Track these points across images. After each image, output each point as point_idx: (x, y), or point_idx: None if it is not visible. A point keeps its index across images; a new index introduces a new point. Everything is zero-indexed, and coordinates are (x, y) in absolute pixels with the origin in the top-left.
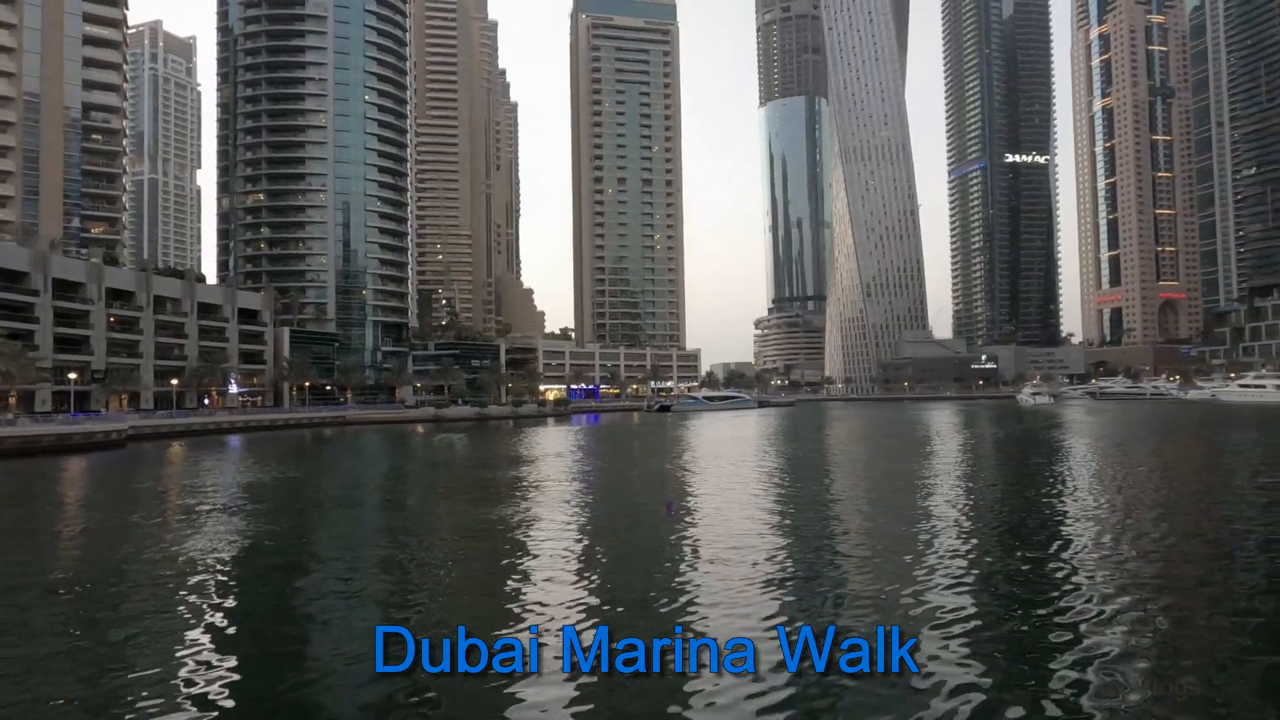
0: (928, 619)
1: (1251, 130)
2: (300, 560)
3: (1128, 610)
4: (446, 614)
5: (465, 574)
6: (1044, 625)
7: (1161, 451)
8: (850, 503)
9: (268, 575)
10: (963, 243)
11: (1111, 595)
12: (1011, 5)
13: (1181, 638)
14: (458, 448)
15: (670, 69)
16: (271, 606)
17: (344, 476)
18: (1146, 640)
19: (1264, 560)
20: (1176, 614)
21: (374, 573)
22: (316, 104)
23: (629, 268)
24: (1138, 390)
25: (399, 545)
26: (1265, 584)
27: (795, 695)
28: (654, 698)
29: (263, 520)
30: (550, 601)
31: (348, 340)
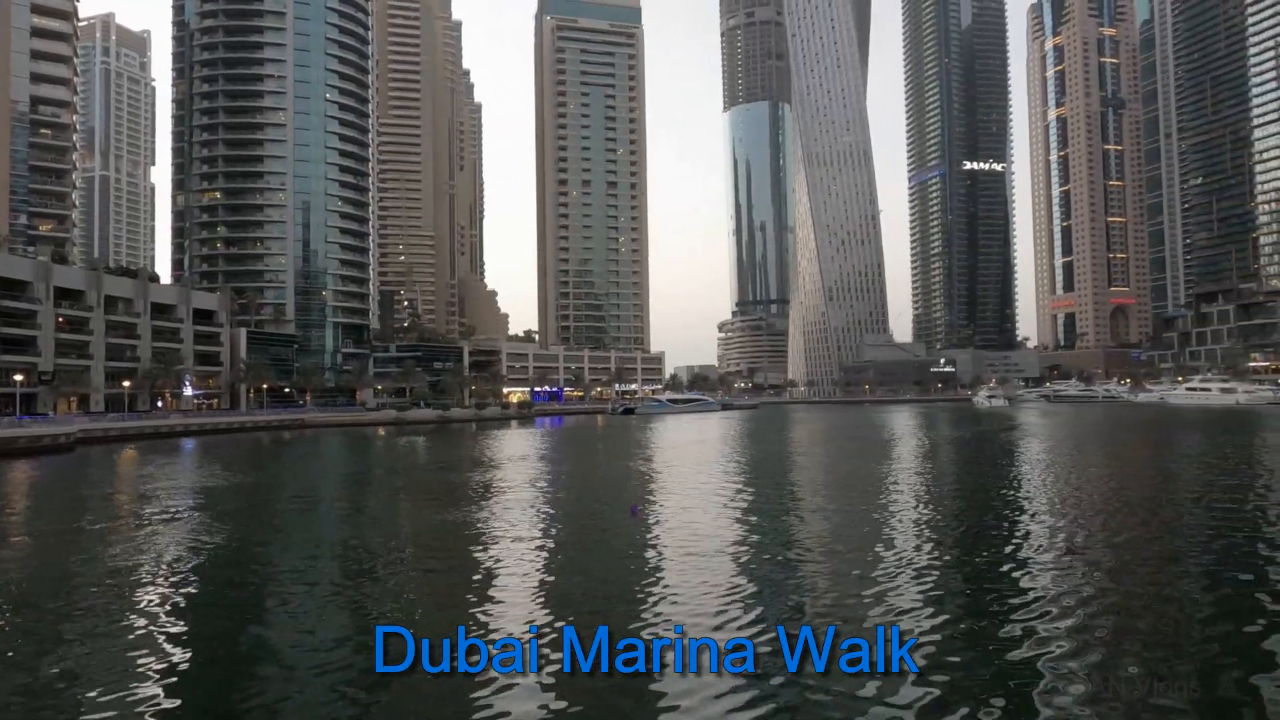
0: (891, 618)
1: (1198, 141)
2: (257, 566)
3: (1093, 605)
4: (408, 618)
5: (428, 579)
6: (1008, 619)
7: (1114, 453)
8: (813, 505)
9: (223, 583)
10: (922, 248)
11: (1072, 593)
12: (970, 15)
13: (1149, 629)
14: (420, 451)
15: (635, 72)
16: (227, 615)
17: (303, 480)
18: (1118, 633)
19: (1215, 552)
20: (1143, 608)
21: (334, 578)
22: (275, 101)
23: (593, 270)
24: (1090, 393)
25: (360, 550)
26: (1217, 572)
27: (768, 696)
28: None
29: (218, 526)
30: (515, 605)
31: (307, 342)
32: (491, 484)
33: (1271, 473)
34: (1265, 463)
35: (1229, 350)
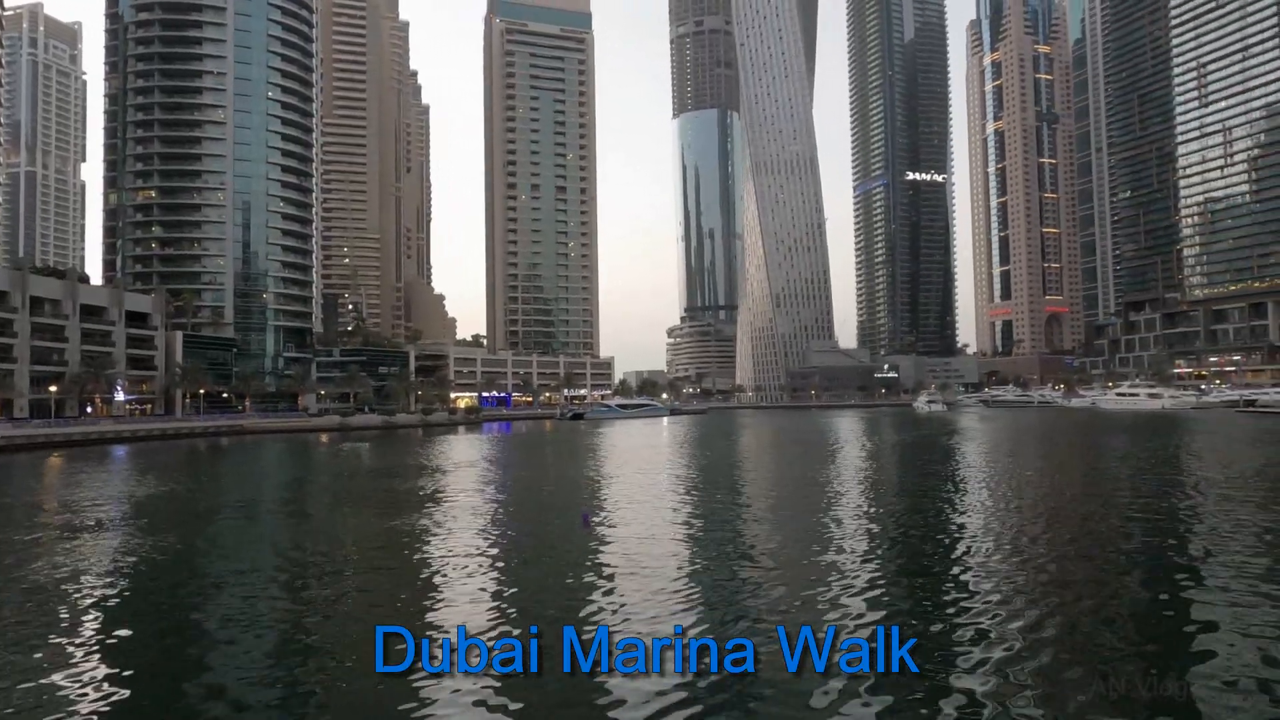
0: (839, 619)
1: (1126, 157)
2: (192, 578)
3: (1024, 605)
4: (350, 631)
5: (371, 590)
6: (951, 617)
7: (1048, 455)
8: (762, 510)
9: (156, 596)
10: (867, 255)
11: (1004, 594)
12: (913, 30)
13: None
14: (364, 457)
15: (585, 77)
16: (159, 629)
17: (241, 488)
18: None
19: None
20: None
21: (272, 589)
22: (215, 98)
23: (543, 275)
24: (1026, 399)
25: (299, 559)
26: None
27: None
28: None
29: (151, 536)
30: (459, 615)
31: (247, 345)
32: (437, 491)
33: (1190, 472)
34: (1185, 464)
35: (1155, 357)
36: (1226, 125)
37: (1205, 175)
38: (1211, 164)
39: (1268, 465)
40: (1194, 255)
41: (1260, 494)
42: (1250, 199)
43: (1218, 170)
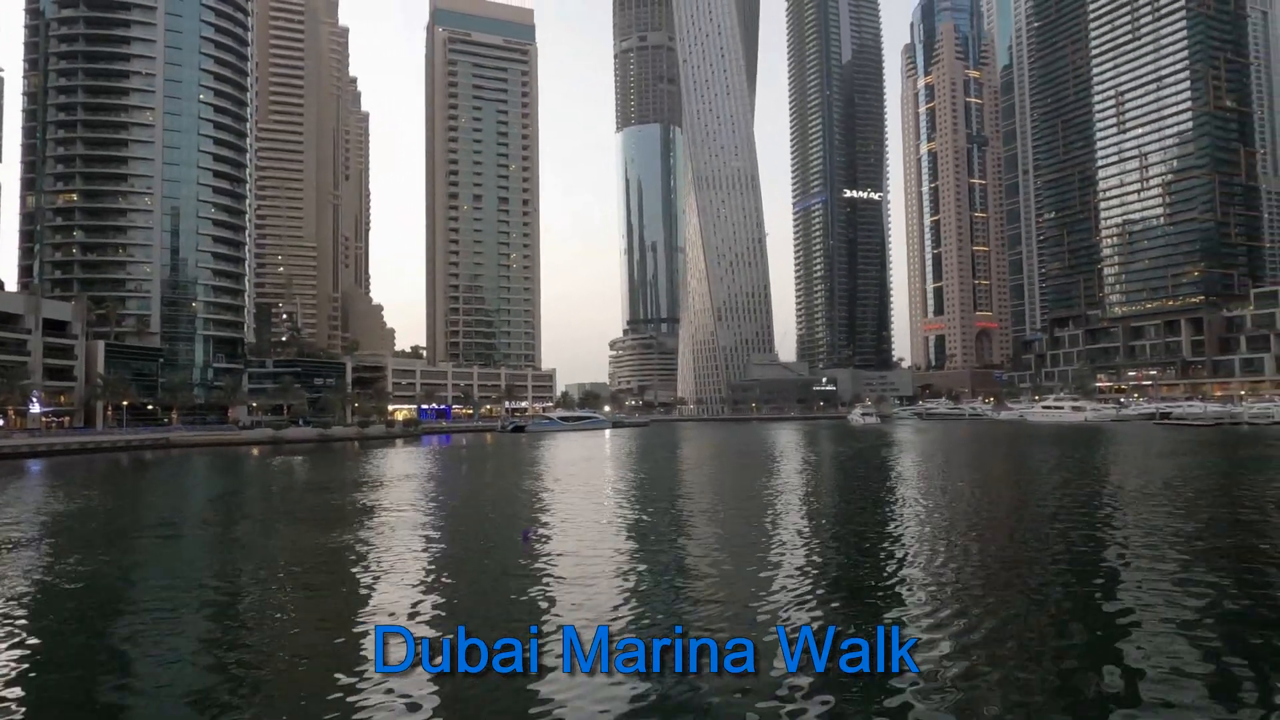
0: (775, 629)
1: (1051, 179)
2: (111, 598)
3: (963, 609)
4: (277, 654)
5: (301, 610)
6: (890, 615)
7: (979, 465)
8: (703, 524)
9: (70, 617)
10: (806, 271)
11: (940, 598)
12: (850, 52)
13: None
14: (297, 471)
15: (529, 89)
16: (68, 651)
17: (166, 504)
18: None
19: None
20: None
21: (196, 610)
22: (143, 99)
23: (484, 286)
24: (958, 411)
25: (225, 578)
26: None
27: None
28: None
29: (66, 555)
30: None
31: (174, 356)
32: (373, 506)
33: (1113, 482)
34: (1108, 473)
35: (1078, 372)
36: (1143, 151)
37: (1123, 198)
38: (1129, 188)
39: (1180, 475)
40: (1113, 274)
41: (1175, 502)
42: (1164, 222)
43: (1135, 194)
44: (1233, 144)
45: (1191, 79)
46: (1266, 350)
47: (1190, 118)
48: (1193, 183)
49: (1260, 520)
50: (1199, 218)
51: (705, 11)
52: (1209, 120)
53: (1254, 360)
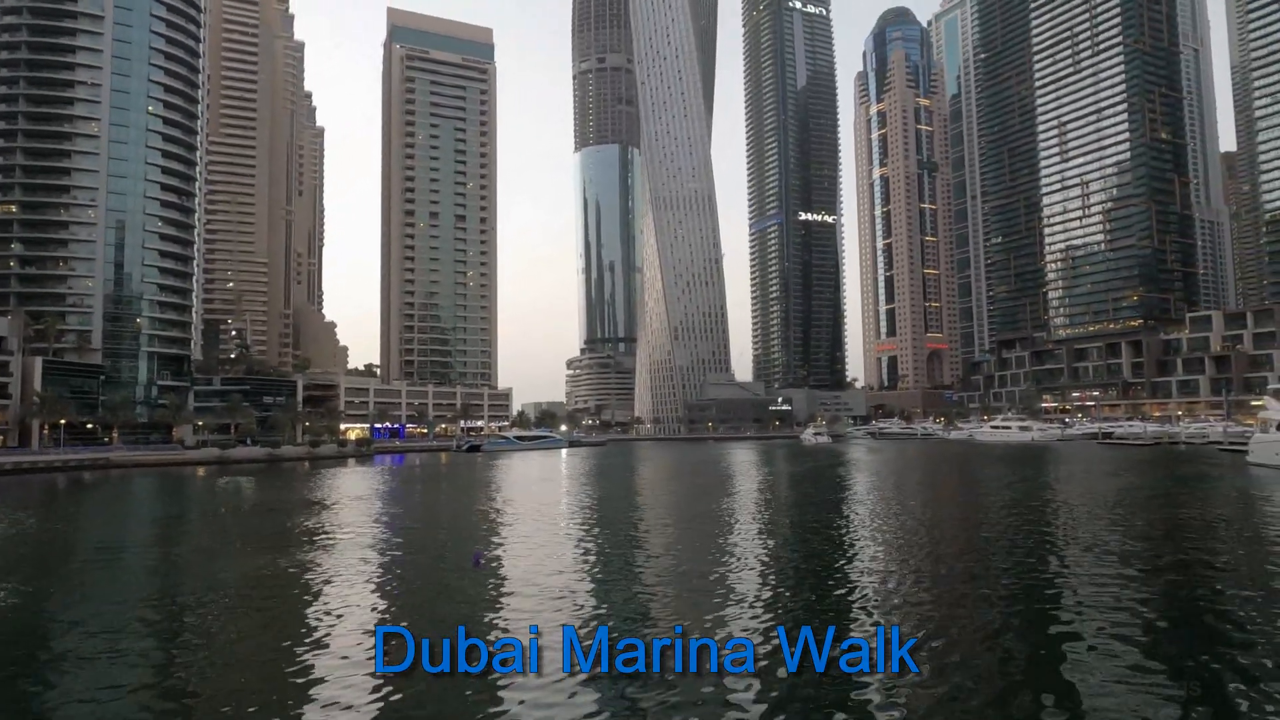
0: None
1: (997, 205)
2: (46, 624)
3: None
4: (214, 681)
5: (244, 637)
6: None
7: (931, 484)
8: (658, 546)
9: (3, 645)
10: (762, 291)
11: (897, 603)
12: (805, 77)
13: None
14: (244, 492)
15: (487, 107)
16: (7, 683)
17: (105, 527)
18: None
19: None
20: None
21: (134, 637)
22: (88, 110)
23: (440, 304)
24: (910, 431)
25: (164, 605)
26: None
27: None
28: None
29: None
30: (336, 666)
31: (117, 373)
32: (321, 528)
33: (1056, 499)
34: (1055, 491)
35: (1025, 392)
36: (1084, 179)
37: (1066, 224)
38: (1071, 214)
39: (1120, 493)
40: (1058, 298)
41: (1117, 516)
42: (1105, 247)
43: (1077, 220)
44: (1168, 174)
45: (1129, 111)
46: (1201, 372)
47: (1128, 148)
48: (1131, 210)
49: (1194, 537)
50: (1137, 244)
51: (663, 35)
52: (1145, 151)
53: (1190, 382)
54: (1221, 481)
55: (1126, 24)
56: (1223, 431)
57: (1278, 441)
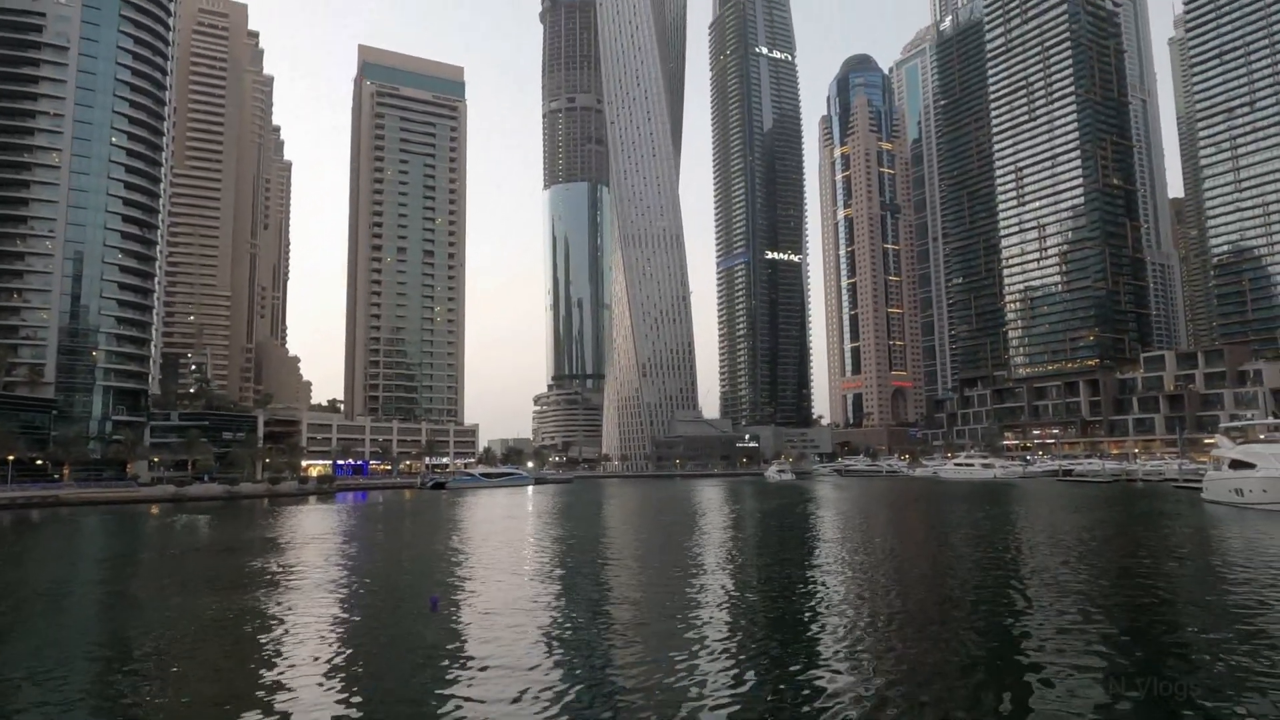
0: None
1: (958, 246)
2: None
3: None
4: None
5: (190, 684)
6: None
7: (898, 522)
8: (624, 589)
9: None
10: (729, 329)
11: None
12: (771, 120)
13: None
14: (200, 531)
15: (457, 144)
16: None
17: (52, 568)
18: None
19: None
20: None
21: (75, 686)
22: (49, 140)
23: (406, 339)
24: (876, 468)
25: (115, 647)
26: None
27: None
28: None
29: None
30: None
31: (70, 408)
32: (276, 569)
33: (1025, 538)
34: (1020, 529)
35: (987, 430)
36: (1041, 222)
37: (1024, 266)
38: (1029, 256)
39: (1085, 529)
40: (1017, 337)
41: (1082, 555)
42: (1062, 289)
43: (1035, 262)
44: (1120, 218)
45: (1082, 158)
46: (1156, 411)
47: (1082, 193)
48: (1086, 253)
49: (1151, 572)
50: (1092, 285)
51: (633, 76)
52: (1098, 196)
53: (1145, 420)
54: (1179, 519)
55: (1078, 75)
56: (1178, 469)
57: (1230, 479)
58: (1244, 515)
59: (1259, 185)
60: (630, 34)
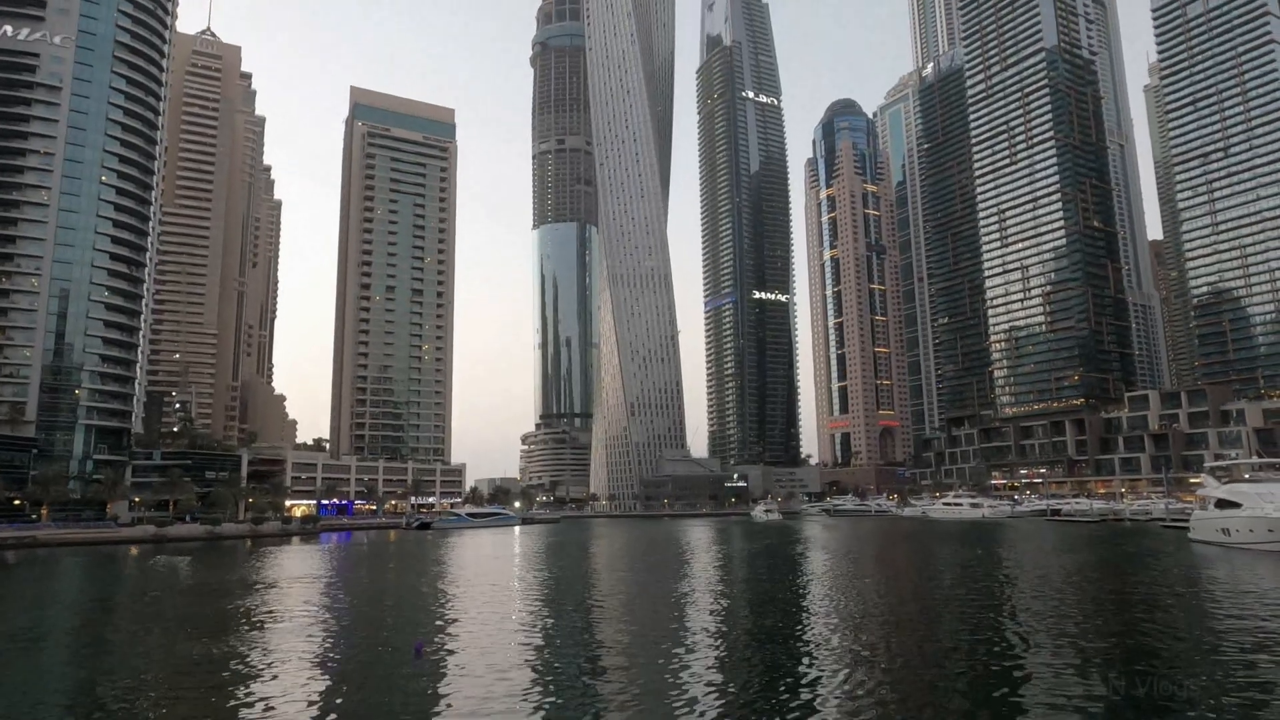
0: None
1: (943, 287)
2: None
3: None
4: None
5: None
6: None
7: (888, 563)
8: (612, 633)
9: None
10: (717, 368)
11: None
12: (758, 162)
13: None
14: (180, 573)
15: (447, 184)
16: None
17: (24, 610)
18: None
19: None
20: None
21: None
22: (39, 178)
23: (394, 377)
24: (864, 508)
25: (89, 693)
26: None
27: None
28: None
29: None
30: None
31: (50, 447)
32: (255, 612)
33: (1016, 579)
34: (1007, 568)
35: (975, 470)
36: (1024, 263)
37: (1008, 306)
38: (1013, 297)
39: (1075, 570)
40: (1003, 377)
41: (1070, 596)
42: (1046, 329)
43: (1019, 302)
44: (1101, 260)
45: (1063, 201)
46: (1142, 450)
47: (1063, 235)
48: (1069, 294)
49: (1143, 615)
50: (1075, 326)
51: (622, 120)
52: (1080, 238)
53: (1131, 460)
54: (1167, 558)
55: (1057, 120)
56: (1165, 509)
57: (1216, 519)
58: (1231, 555)
59: (1235, 228)
60: (619, 78)
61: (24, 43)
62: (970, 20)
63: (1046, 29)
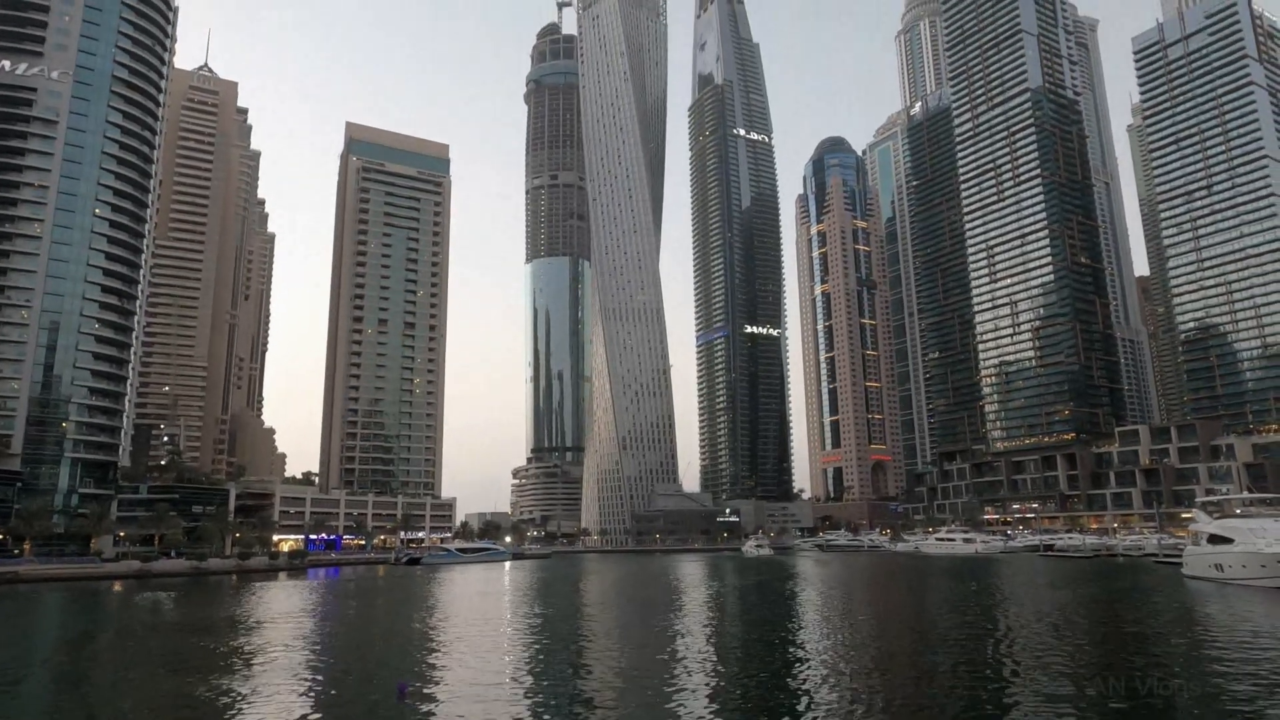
0: None
1: (933, 321)
2: None
3: None
4: None
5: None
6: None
7: (883, 602)
8: (603, 677)
9: None
10: (709, 402)
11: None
12: (749, 198)
13: None
14: (163, 610)
15: (440, 218)
16: None
17: (2, 647)
18: None
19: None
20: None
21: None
22: (32, 211)
23: (384, 411)
24: (857, 543)
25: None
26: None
27: None
28: None
29: None
30: None
31: (35, 480)
32: (238, 650)
33: (1015, 615)
34: (1008, 606)
35: (967, 504)
36: (1013, 299)
37: (998, 341)
38: (1003, 332)
39: (1071, 606)
40: (994, 411)
41: (1073, 633)
42: (1035, 364)
43: (1008, 338)
44: (1089, 295)
45: (1050, 237)
46: (1133, 485)
47: (1051, 271)
48: (1058, 329)
49: (1138, 651)
50: (1065, 361)
51: (615, 156)
52: (1068, 274)
53: (1123, 494)
54: (1160, 593)
55: (1043, 159)
56: (1157, 544)
57: (1210, 554)
58: (1225, 591)
59: (1220, 265)
60: (612, 115)
61: (22, 77)
62: (957, 61)
63: (1031, 70)
